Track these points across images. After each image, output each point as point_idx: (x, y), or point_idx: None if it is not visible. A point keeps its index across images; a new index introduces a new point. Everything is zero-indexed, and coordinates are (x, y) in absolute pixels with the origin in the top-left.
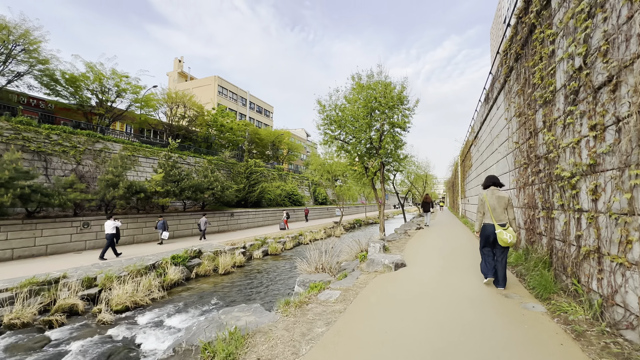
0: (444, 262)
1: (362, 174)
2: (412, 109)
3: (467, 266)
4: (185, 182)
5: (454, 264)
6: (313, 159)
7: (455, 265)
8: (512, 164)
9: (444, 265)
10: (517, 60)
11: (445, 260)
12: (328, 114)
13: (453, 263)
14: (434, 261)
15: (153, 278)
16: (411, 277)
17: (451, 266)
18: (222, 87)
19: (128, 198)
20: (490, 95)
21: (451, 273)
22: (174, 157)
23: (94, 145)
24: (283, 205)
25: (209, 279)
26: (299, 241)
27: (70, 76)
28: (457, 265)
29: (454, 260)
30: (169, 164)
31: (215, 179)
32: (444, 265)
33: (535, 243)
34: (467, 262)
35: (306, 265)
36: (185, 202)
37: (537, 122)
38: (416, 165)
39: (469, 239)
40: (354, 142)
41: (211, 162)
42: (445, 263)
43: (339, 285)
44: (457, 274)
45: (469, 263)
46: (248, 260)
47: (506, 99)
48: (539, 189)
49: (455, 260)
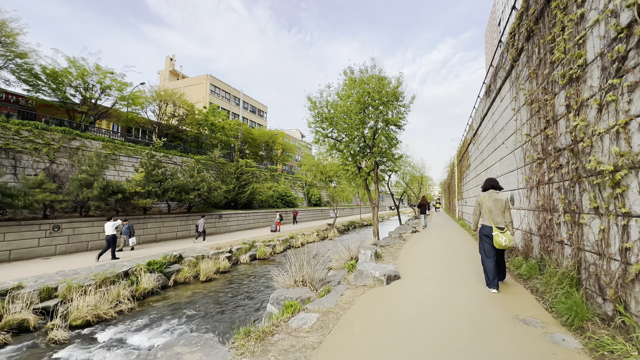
0: (443, 272)
1: (355, 174)
2: (407, 105)
3: (469, 277)
4: (168, 182)
5: (455, 275)
6: (306, 159)
7: (456, 275)
8: (522, 160)
9: (444, 277)
10: (528, 39)
11: (444, 269)
12: (319, 111)
13: (453, 273)
14: (431, 271)
15: (123, 287)
16: (406, 293)
17: (452, 277)
18: (215, 85)
19: (104, 199)
20: (492, 87)
21: (453, 287)
22: (158, 156)
23: (70, 142)
24: (275, 206)
25: (189, 286)
26: (290, 244)
27: (52, 71)
28: (458, 275)
29: (454, 269)
30: (151, 163)
31: (201, 179)
32: (444, 276)
33: (554, 253)
34: (469, 272)
35: (284, 278)
36: (169, 204)
37: (558, 107)
38: (412, 166)
39: (468, 243)
40: (346, 140)
41: (199, 162)
42: (444, 273)
43: (319, 305)
44: (459, 289)
45: (472, 273)
46: (234, 266)
47: (513, 88)
48: (559, 188)
49: (456, 270)
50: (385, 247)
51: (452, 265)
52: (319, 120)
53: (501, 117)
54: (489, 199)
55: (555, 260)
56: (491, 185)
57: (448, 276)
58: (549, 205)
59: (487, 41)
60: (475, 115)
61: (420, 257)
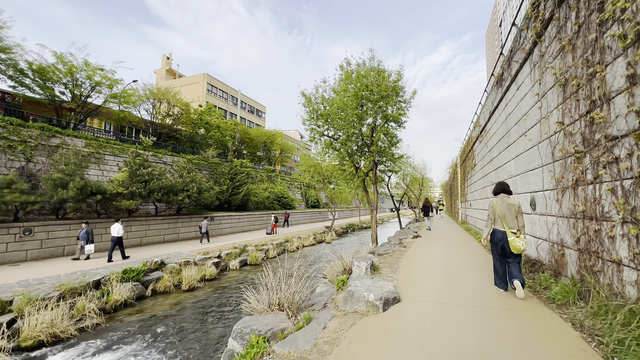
0: (452, 292)
1: (352, 174)
2: (408, 101)
3: (486, 299)
4: (154, 182)
5: (468, 296)
6: (304, 159)
7: (469, 297)
8: (549, 155)
9: (454, 299)
10: (561, 3)
11: (453, 287)
12: (314, 107)
13: (465, 293)
14: (438, 290)
15: (90, 299)
16: (408, 327)
17: (464, 300)
18: (212, 85)
19: (82, 200)
20: (504, 75)
21: (466, 316)
22: (144, 155)
23: (49, 140)
24: (272, 208)
25: (169, 296)
26: (285, 248)
27: (38, 67)
28: (471, 297)
29: (465, 286)
30: (136, 162)
31: (191, 180)
32: (454, 298)
33: (604, 275)
34: (484, 291)
35: (256, 299)
36: (156, 205)
37: (613, 81)
38: (412, 167)
39: (476, 251)
40: (342, 138)
41: (191, 162)
42: (454, 294)
43: (291, 347)
44: (476, 319)
45: (487, 292)
46: (222, 272)
47: (536, 69)
48: (613, 189)
49: (467, 287)
50: (384, 256)
51: (462, 281)
52: (314, 117)
53: (517, 108)
54: (502, 204)
55: (607, 286)
56: (502, 189)
57: (459, 298)
58: (595, 211)
59: (488, 42)
60: (482, 111)
61: (423, 270)
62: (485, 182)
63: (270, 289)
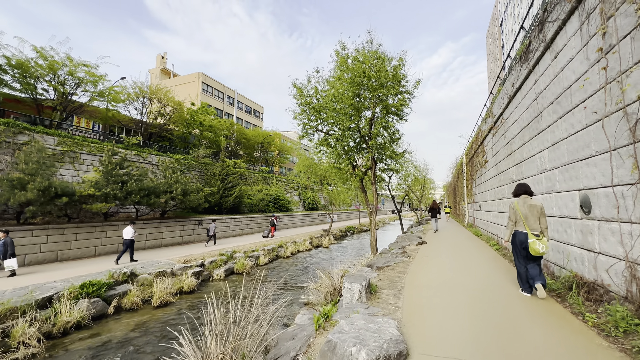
0: (486, 331)
1: (349, 173)
2: (411, 91)
3: (535, 340)
4: (132, 183)
5: (511, 337)
6: (300, 159)
7: (514, 339)
8: (626, 133)
9: (493, 345)
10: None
11: (485, 322)
12: (306, 100)
13: (506, 333)
14: (465, 329)
15: (30, 323)
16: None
17: (509, 346)
18: (207, 84)
19: (45, 203)
20: (534, 44)
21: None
22: (125, 154)
23: (15, 137)
24: (267, 211)
25: (135, 315)
26: (278, 254)
27: (18, 62)
28: (517, 339)
29: (503, 321)
30: (112, 162)
31: (176, 180)
32: (492, 343)
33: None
34: (532, 329)
35: (191, 352)
36: (137, 209)
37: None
38: (415, 166)
39: (497, 263)
40: (337, 133)
41: (179, 162)
42: (490, 334)
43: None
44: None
45: (536, 331)
46: (204, 283)
47: (595, 17)
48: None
49: (506, 323)
50: (384, 270)
51: (494, 312)
52: (307, 110)
53: (556, 81)
54: (523, 205)
55: None
56: (524, 190)
57: (498, 344)
58: None
59: (489, 42)
60: (496, 97)
61: (436, 292)
62: (501, 181)
63: (214, 336)
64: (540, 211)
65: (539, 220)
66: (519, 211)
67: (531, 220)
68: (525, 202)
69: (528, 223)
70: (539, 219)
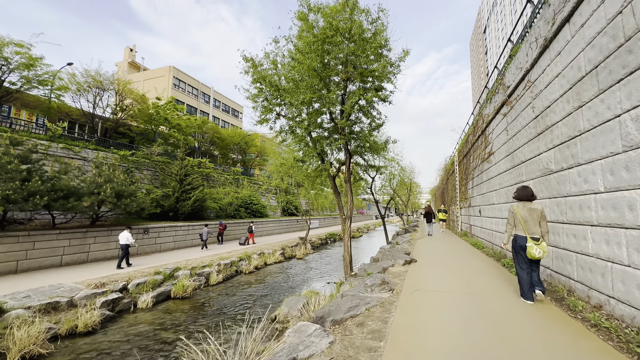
0: None
1: (318, 169)
2: (396, 64)
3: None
4: (37, 182)
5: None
6: (274, 159)
7: None
8: None
9: None
10: None
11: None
12: (262, 74)
13: None
14: None
15: None
16: None
17: None
18: (179, 79)
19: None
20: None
21: None
22: (34, 146)
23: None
24: (237, 216)
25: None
26: (238, 269)
27: None
28: None
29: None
30: (11, 154)
31: (107, 180)
32: None
33: None
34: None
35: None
36: (52, 214)
37: None
38: (401, 167)
39: (514, 295)
40: (301, 116)
41: (125, 159)
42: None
43: None
44: None
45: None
46: (120, 315)
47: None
48: None
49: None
50: (345, 328)
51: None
52: (263, 89)
53: None
54: (523, 209)
55: None
56: (530, 194)
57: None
58: None
59: (473, 49)
60: (509, 62)
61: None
62: (521, 175)
63: None
64: (541, 215)
65: (539, 224)
66: (518, 215)
67: (531, 224)
68: (525, 205)
69: (527, 227)
70: (540, 223)
